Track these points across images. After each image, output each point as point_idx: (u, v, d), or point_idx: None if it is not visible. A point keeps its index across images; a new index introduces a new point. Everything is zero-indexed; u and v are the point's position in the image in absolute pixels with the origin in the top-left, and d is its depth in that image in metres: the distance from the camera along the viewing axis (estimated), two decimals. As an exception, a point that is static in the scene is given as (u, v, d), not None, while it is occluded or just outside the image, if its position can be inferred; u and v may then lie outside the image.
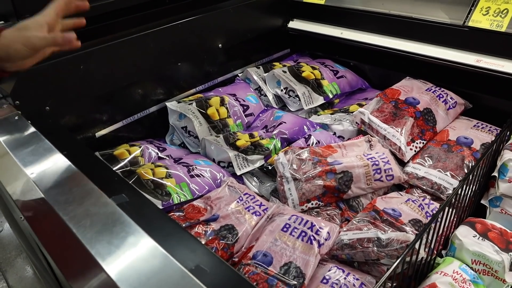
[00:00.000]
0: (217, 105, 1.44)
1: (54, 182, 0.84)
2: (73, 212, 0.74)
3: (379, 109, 1.32)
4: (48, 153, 0.93)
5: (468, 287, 0.97)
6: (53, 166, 0.88)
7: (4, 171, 0.92)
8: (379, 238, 0.96)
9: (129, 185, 0.84)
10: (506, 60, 1.21)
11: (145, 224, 0.69)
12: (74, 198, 0.77)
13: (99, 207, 0.75)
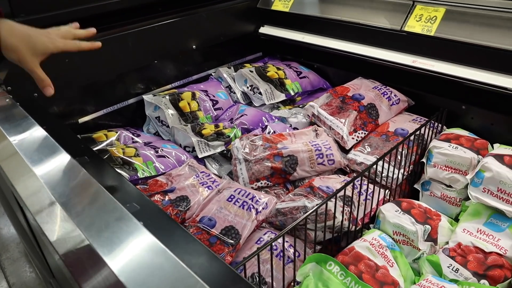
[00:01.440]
0: (189, 99, 1.61)
1: (35, 149, 1.01)
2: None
3: (328, 103, 1.48)
4: (31, 127, 1.11)
5: (384, 251, 1.12)
6: (31, 136, 1.06)
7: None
8: (306, 206, 1.12)
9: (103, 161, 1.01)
10: (435, 61, 1.38)
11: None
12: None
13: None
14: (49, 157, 0.95)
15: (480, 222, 1.20)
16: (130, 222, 0.72)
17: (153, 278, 0.61)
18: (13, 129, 1.09)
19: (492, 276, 1.08)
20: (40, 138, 1.05)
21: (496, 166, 1.14)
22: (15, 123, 1.13)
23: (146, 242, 0.68)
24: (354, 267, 1.05)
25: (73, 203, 0.79)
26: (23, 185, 0.91)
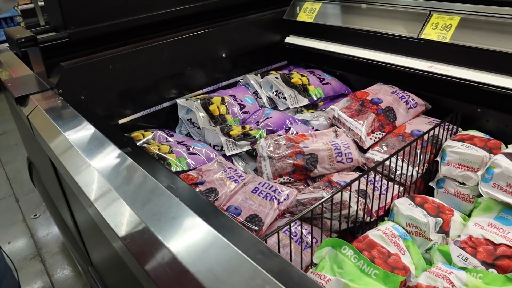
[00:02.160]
0: (218, 103, 1.74)
1: (88, 143, 1.15)
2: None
3: (348, 106, 1.58)
4: (81, 122, 1.26)
5: (396, 240, 1.20)
6: (85, 131, 1.20)
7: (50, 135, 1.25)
8: (323, 197, 1.22)
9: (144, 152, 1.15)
10: (450, 66, 1.46)
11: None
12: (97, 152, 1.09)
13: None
14: (100, 148, 1.09)
15: (491, 216, 1.26)
16: (170, 198, 0.85)
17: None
18: (66, 125, 1.25)
19: (500, 266, 1.14)
20: (90, 133, 1.20)
21: (506, 163, 1.21)
22: (68, 120, 1.29)
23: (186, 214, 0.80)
24: (368, 253, 1.14)
25: (124, 189, 0.92)
26: (80, 176, 1.04)
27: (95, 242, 1.54)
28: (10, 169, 3.52)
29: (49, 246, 2.62)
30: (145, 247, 0.76)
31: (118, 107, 1.65)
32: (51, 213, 2.32)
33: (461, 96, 1.53)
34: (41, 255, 2.55)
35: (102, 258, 1.55)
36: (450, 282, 1.07)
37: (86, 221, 1.46)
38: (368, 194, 1.27)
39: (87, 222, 1.44)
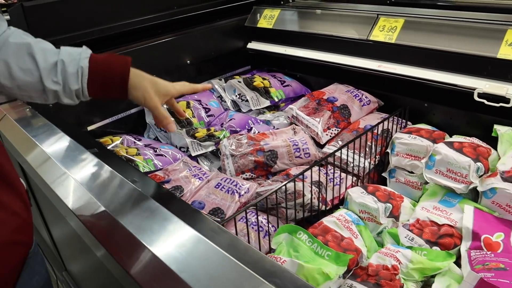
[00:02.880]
0: (184, 107, 1.82)
1: (57, 147, 1.21)
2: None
3: (305, 105, 1.68)
4: (50, 129, 1.32)
5: (349, 225, 1.29)
6: (54, 136, 1.26)
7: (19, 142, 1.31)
8: (282, 189, 1.30)
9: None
10: (397, 64, 1.57)
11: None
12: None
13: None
14: (70, 152, 1.15)
15: (436, 200, 1.37)
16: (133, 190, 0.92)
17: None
18: (35, 132, 1.31)
19: (443, 243, 1.25)
20: (60, 138, 1.26)
21: (445, 150, 1.32)
22: (36, 127, 1.35)
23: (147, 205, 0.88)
24: (322, 237, 1.23)
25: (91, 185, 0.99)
26: (56, 185, 1.09)
27: (70, 250, 1.59)
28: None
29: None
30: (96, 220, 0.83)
31: (86, 114, 1.70)
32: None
33: (409, 93, 1.65)
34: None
35: (76, 263, 1.60)
36: (397, 260, 1.17)
37: (60, 226, 1.51)
38: (323, 185, 1.36)
39: (62, 229, 1.49)
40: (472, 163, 1.27)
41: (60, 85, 0.98)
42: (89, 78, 0.99)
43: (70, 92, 1.00)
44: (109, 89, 1.03)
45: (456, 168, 1.30)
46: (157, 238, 0.78)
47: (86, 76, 0.99)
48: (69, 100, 1.04)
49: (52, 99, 1.03)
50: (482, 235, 1.22)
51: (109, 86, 1.02)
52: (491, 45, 1.35)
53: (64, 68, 0.97)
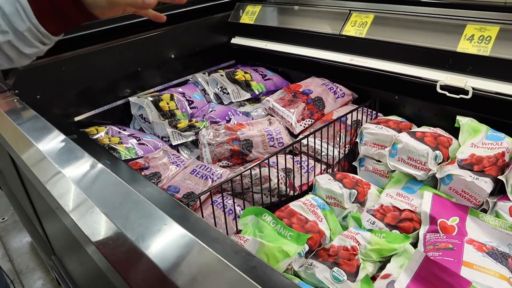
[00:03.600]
0: (168, 99, 1.90)
1: (44, 137, 1.28)
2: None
3: (281, 98, 1.76)
4: (37, 119, 1.39)
5: (315, 209, 1.37)
6: (41, 127, 1.34)
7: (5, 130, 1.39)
8: (250, 173, 1.38)
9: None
10: (368, 58, 1.65)
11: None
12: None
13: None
14: (52, 140, 1.23)
15: (399, 187, 1.45)
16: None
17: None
18: (22, 122, 1.39)
19: (402, 227, 1.32)
20: (43, 126, 1.34)
21: (406, 139, 1.39)
22: (25, 118, 1.43)
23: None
24: (287, 220, 1.31)
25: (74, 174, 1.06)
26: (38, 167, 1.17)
27: (54, 228, 1.67)
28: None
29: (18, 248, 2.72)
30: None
31: (73, 105, 1.79)
32: (15, 208, 2.43)
33: (380, 85, 1.72)
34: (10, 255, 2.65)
35: (62, 246, 1.68)
36: (356, 241, 1.25)
37: (43, 205, 1.60)
38: (292, 171, 1.44)
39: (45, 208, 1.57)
40: (430, 151, 1.35)
41: (9, 33, 0.86)
42: (34, 8, 0.85)
43: (23, 37, 0.87)
44: (63, 11, 0.88)
45: (416, 156, 1.37)
46: (131, 225, 0.82)
47: (29, 8, 0.84)
48: (31, 48, 0.91)
49: (15, 57, 0.92)
50: (438, 219, 1.30)
51: (60, 8, 0.87)
52: (452, 39, 1.42)
53: (3, 12, 0.84)
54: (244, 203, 1.40)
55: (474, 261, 1.09)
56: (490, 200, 1.28)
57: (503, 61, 1.32)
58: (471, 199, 1.31)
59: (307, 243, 1.24)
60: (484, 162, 1.32)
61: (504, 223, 1.21)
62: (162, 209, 0.83)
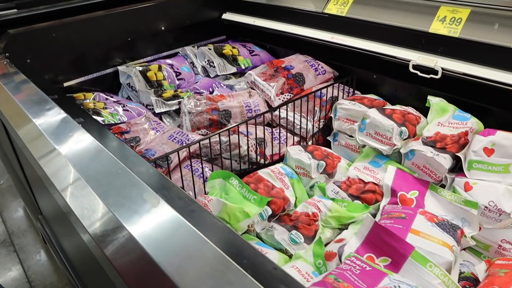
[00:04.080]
0: (156, 70, 1.96)
1: (28, 97, 1.35)
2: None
3: (263, 72, 1.81)
4: (20, 79, 1.46)
5: (282, 177, 1.44)
6: (26, 88, 1.41)
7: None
8: (222, 140, 1.45)
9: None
10: (347, 36, 1.69)
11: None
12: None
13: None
14: (38, 105, 1.29)
15: (367, 161, 1.51)
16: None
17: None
18: (10, 83, 1.45)
19: (365, 198, 1.39)
20: (34, 92, 1.40)
21: (374, 114, 1.45)
22: (11, 79, 1.49)
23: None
24: (254, 185, 1.37)
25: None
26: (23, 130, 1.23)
27: (42, 193, 1.76)
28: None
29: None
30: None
31: (63, 71, 1.85)
32: (9, 172, 2.52)
33: (360, 64, 1.77)
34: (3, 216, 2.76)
35: (48, 208, 1.77)
36: (317, 208, 1.32)
37: (33, 175, 1.68)
38: (265, 141, 1.50)
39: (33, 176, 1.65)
40: (396, 126, 1.40)
41: None
42: None
43: None
44: None
45: (382, 131, 1.43)
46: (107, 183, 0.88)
47: None
48: None
49: None
50: (398, 192, 1.36)
51: None
52: (426, 20, 1.46)
53: None
54: (212, 167, 1.46)
55: (421, 229, 1.16)
56: (449, 176, 1.34)
57: (472, 43, 1.36)
58: (431, 175, 1.37)
59: (271, 207, 1.31)
60: (447, 140, 1.38)
61: (459, 197, 1.26)
62: (123, 163, 0.90)
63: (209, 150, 1.46)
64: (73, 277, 1.54)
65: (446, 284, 1.04)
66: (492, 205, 1.21)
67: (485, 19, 1.34)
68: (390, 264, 1.09)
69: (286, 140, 1.60)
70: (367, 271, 1.02)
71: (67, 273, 1.60)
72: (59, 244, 1.82)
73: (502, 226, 1.22)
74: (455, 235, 1.17)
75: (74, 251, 1.51)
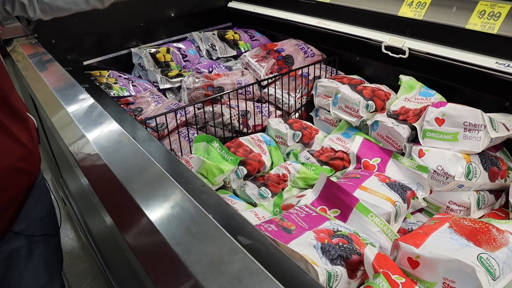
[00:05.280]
0: (164, 52, 2.19)
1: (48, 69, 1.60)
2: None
3: (256, 54, 2.00)
4: (45, 56, 1.72)
5: (261, 144, 1.63)
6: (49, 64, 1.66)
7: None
8: (210, 111, 1.65)
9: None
10: (331, 21, 1.85)
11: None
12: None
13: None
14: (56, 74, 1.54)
15: (340, 133, 1.67)
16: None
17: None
18: (36, 58, 1.71)
19: (333, 164, 1.55)
20: (56, 68, 1.65)
21: (345, 89, 1.61)
22: (37, 55, 1.75)
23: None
24: (234, 149, 1.57)
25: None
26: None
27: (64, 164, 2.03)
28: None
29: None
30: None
31: (83, 51, 2.11)
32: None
33: (344, 47, 1.92)
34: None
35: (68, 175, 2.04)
36: (287, 169, 1.50)
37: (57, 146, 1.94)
38: (248, 112, 1.70)
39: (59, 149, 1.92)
40: (362, 100, 1.56)
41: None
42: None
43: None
44: None
45: (351, 104, 1.59)
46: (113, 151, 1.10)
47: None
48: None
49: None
50: (362, 159, 1.52)
51: None
52: (396, 4, 1.60)
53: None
54: (198, 132, 1.67)
55: (370, 186, 1.32)
56: (408, 145, 1.49)
57: (433, 25, 1.50)
58: (393, 144, 1.52)
59: (246, 168, 1.51)
60: (409, 113, 1.52)
61: (413, 163, 1.41)
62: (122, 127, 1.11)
63: (201, 120, 1.67)
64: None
65: (385, 232, 1.20)
66: (440, 169, 1.35)
67: (446, 3, 1.47)
68: (339, 215, 1.26)
69: (269, 114, 1.79)
70: (312, 216, 1.20)
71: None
72: (76, 203, 2.09)
73: (449, 188, 1.36)
74: (403, 194, 1.32)
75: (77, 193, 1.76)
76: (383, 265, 0.99)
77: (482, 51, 1.38)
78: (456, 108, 1.37)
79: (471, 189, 1.35)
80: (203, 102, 1.58)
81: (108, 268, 1.76)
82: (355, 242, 1.09)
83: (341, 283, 1.01)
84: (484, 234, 1.03)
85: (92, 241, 1.94)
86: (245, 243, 0.67)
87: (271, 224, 1.11)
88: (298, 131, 1.66)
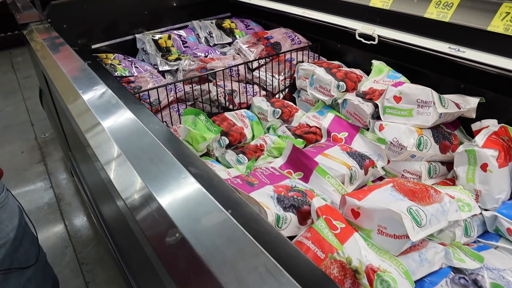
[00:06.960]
0: (166, 38, 2.40)
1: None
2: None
3: (247, 41, 2.19)
4: (57, 39, 1.94)
5: (243, 119, 1.82)
6: (60, 47, 1.89)
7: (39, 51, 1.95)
8: (203, 89, 1.85)
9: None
10: (313, 11, 2.03)
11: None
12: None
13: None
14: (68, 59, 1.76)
15: (316, 111, 1.85)
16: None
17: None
18: (48, 40, 1.93)
19: (306, 137, 1.74)
20: (68, 51, 1.87)
21: (319, 71, 1.79)
22: (50, 38, 1.98)
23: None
24: (219, 122, 1.77)
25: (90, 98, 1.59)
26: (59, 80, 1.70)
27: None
28: (30, 103, 4.38)
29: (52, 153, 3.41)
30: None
31: (92, 35, 2.34)
32: (52, 125, 3.08)
33: (327, 35, 2.10)
34: (44, 160, 3.35)
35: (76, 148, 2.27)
36: (264, 140, 1.69)
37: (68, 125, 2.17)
38: (235, 91, 1.89)
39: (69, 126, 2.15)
40: (334, 81, 1.74)
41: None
42: None
43: None
44: None
45: (324, 84, 1.77)
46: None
47: None
48: None
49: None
50: (332, 133, 1.70)
51: None
52: (369, -5, 1.77)
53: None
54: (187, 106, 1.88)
55: (331, 154, 1.50)
56: (372, 121, 1.66)
57: (398, 14, 1.67)
58: (360, 120, 1.69)
59: (228, 138, 1.70)
60: (375, 93, 1.70)
61: (374, 136, 1.59)
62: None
63: (191, 96, 1.87)
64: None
65: (339, 191, 1.38)
66: (395, 141, 1.52)
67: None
68: (302, 177, 1.44)
69: (255, 94, 1.98)
70: (275, 175, 1.39)
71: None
72: (82, 175, 2.32)
73: (403, 158, 1.53)
74: (361, 162, 1.50)
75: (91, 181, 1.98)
76: (326, 212, 1.17)
77: (437, 37, 1.55)
78: (411, 87, 1.54)
79: (423, 159, 1.52)
80: (191, 78, 1.78)
81: (109, 233, 1.99)
82: (309, 196, 1.28)
83: (290, 226, 1.19)
84: (421, 193, 1.20)
85: (98, 212, 2.17)
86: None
87: (237, 179, 1.31)
88: (278, 109, 1.85)
